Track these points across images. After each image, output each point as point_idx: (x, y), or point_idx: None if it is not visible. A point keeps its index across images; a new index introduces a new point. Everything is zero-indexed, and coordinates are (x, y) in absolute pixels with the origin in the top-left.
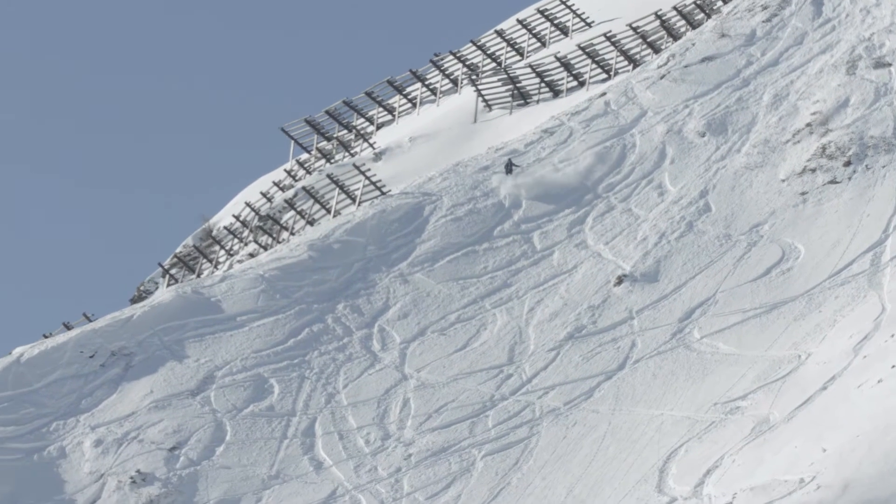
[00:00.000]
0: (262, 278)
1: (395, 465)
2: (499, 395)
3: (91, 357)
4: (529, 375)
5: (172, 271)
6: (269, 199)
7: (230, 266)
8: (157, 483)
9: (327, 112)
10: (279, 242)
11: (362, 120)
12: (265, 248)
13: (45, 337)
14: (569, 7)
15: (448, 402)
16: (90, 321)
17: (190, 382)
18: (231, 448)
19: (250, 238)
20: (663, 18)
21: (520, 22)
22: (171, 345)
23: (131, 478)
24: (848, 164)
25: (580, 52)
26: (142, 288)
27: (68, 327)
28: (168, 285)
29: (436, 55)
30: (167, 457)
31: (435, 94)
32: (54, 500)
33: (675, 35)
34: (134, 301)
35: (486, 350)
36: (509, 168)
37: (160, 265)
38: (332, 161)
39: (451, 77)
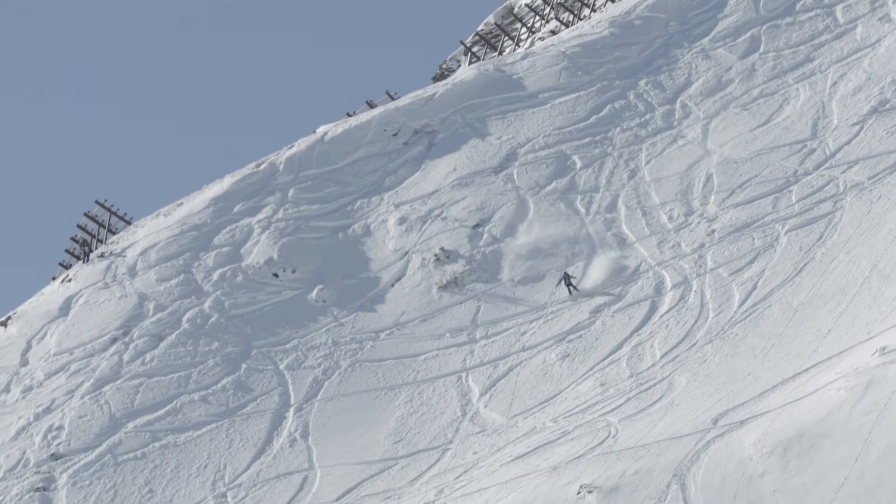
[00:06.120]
0: (564, 55)
1: (698, 241)
2: (802, 170)
3: (394, 135)
4: (833, 150)
5: (474, 49)
6: None
7: (532, 43)
8: (461, 260)
9: None
10: (580, 19)
11: None
12: (566, 26)
13: (349, 115)
14: None
15: (751, 178)
16: (393, 99)
17: (493, 160)
18: (534, 225)
19: (552, 15)
20: None
21: None
22: (473, 122)
23: (435, 255)
24: None
25: None
26: (444, 66)
27: (371, 105)
28: (470, 63)
29: None
30: (470, 234)
31: None
32: (359, 278)
33: None
34: (436, 79)
35: (788, 125)
36: (568, 283)
37: (462, 43)
38: None
39: None
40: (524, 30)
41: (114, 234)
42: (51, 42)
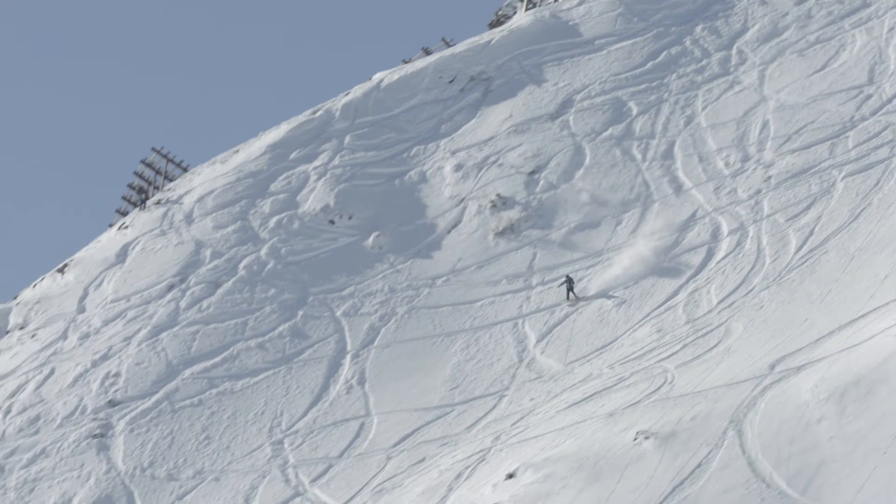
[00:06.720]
0: (620, 1)
1: (754, 187)
2: (859, 116)
3: (450, 82)
4: (890, 95)
5: None
6: None
7: None
8: (517, 207)
9: None
10: None
11: None
12: None
13: (405, 62)
14: None
15: (808, 124)
16: (449, 46)
17: (549, 106)
18: (590, 171)
19: None
20: None
21: None
22: (529, 69)
23: (491, 202)
24: None
25: None
26: (500, 12)
27: (428, 52)
28: (527, 9)
29: None
30: (527, 181)
31: None
32: (416, 224)
33: None
34: (492, 26)
35: (845, 70)
36: (570, 286)
37: None
38: None
39: None
40: None
41: (170, 181)
42: None
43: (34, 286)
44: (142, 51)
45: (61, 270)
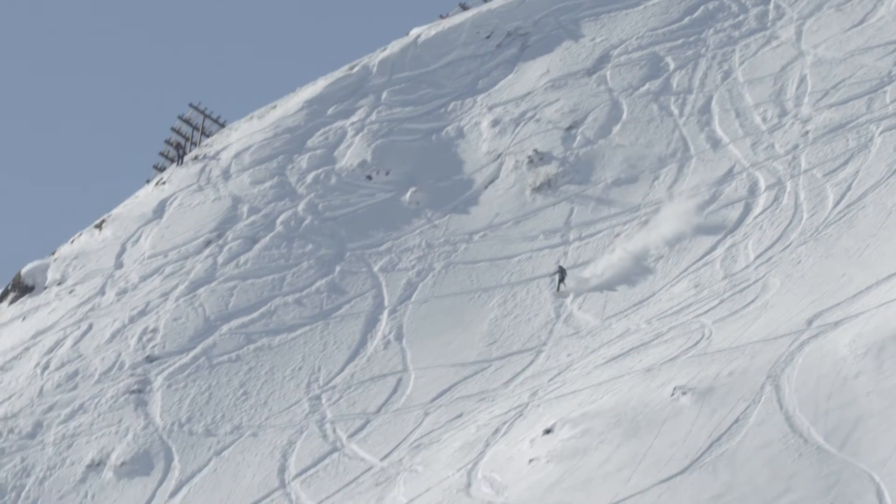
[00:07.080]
0: None
1: (792, 142)
2: None
3: (487, 37)
4: None
5: None
6: None
7: None
8: (555, 162)
9: None
10: None
11: None
12: None
13: (442, 18)
14: None
15: (845, 79)
16: (486, 1)
17: (586, 62)
18: (627, 127)
19: None
20: None
21: None
22: (566, 24)
23: (528, 157)
24: None
25: None
26: None
27: (464, 8)
28: None
29: None
30: (564, 136)
31: None
32: (453, 180)
33: None
34: None
35: (882, 25)
36: (562, 277)
37: None
38: None
39: None
40: None
41: (208, 136)
42: None
43: (72, 242)
44: (179, 6)
45: (99, 226)
